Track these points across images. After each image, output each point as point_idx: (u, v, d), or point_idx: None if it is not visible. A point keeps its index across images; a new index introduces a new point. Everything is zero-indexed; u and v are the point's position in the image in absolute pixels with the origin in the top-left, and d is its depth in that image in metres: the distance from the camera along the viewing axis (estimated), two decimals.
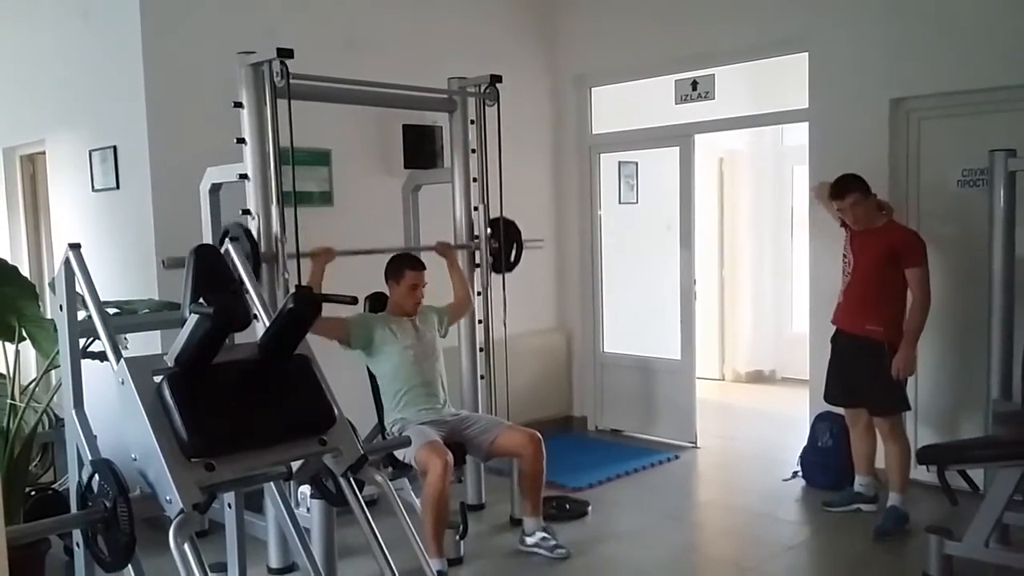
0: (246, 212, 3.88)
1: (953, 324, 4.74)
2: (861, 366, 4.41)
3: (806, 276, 5.46)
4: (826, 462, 4.99)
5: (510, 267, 4.88)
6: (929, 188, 4.85)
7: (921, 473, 4.32)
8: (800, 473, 5.13)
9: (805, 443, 5.15)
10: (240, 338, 2.93)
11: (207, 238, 4.04)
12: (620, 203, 6.64)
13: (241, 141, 3.84)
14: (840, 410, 4.73)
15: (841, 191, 4.37)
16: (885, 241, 4.31)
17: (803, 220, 5.99)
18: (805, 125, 5.35)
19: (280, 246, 3.88)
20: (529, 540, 4.14)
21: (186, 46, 4.55)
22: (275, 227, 3.87)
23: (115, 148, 4.72)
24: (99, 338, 2.70)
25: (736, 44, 5.51)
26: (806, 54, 5.20)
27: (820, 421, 5.06)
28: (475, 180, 4.73)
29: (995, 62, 4.48)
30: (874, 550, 4.18)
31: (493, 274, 4.79)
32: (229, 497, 3.30)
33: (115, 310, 3.53)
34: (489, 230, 4.74)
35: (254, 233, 3.85)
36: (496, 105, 4.62)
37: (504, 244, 4.80)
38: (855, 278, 4.44)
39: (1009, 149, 4.01)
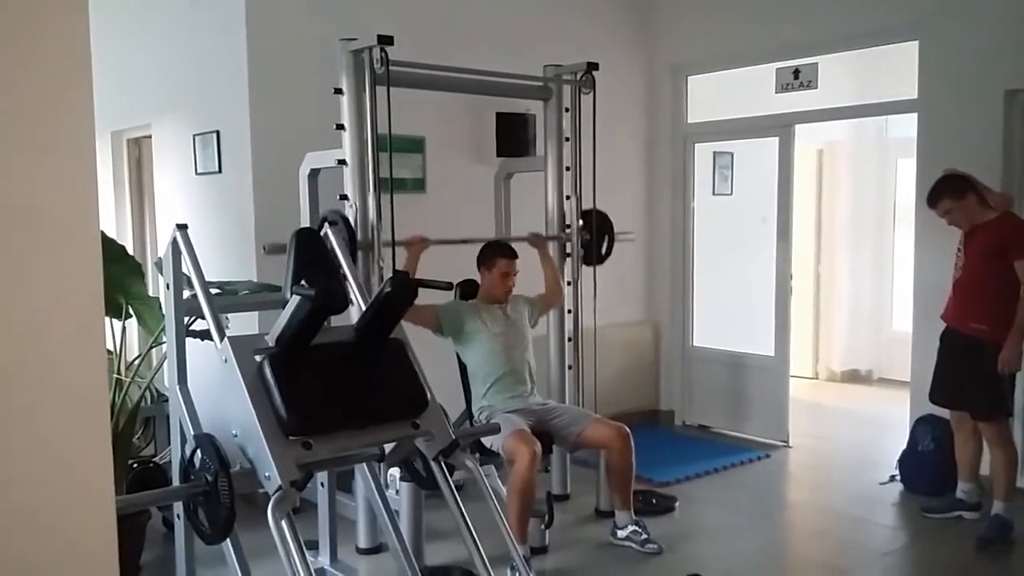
0: (343, 197, 3.93)
1: None
2: (965, 366, 4.22)
3: (909, 273, 5.27)
4: (926, 466, 4.80)
5: (601, 260, 4.84)
6: None
7: None
8: (898, 477, 4.95)
9: (904, 446, 4.96)
10: (336, 321, 2.97)
11: (305, 222, 4.11)
12: (714, 194, 6.50)
13: (340, 127, 3.89)
14: (944, 412, 4.54)
15: (932, 201, 4.26)
16: (993, 235, 4.12)
17: (907, 215, 5.75)
18: (910, 116, 5.15)
19: (376, 234, 3.91)
20: (621, 533, 4.11)
21: (288, 32, 4.64)
22: (371, 215, 3.91)
23: (218, 133, 4.85)
24: (203, 317, 2.77)
25: (842, 32, 5.33)
26: (916, 42, 4.99)
27: (921, 424, 4.87)
28: (568, 169, 4.69)
29: None
30: (976, 560, 4.01)
31: (584, 266, 4.76)
32: (322, 476, 3.36)
33: (217, 290, 3.61)
34: (581, 221, 4.70)
35: (352, 221, 3.90)
36: (592, 93, 4.57)
37: (596, 236, 4.76)
38: (964, 273, 4.25)
39: None
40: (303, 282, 2.48)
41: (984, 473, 4.39)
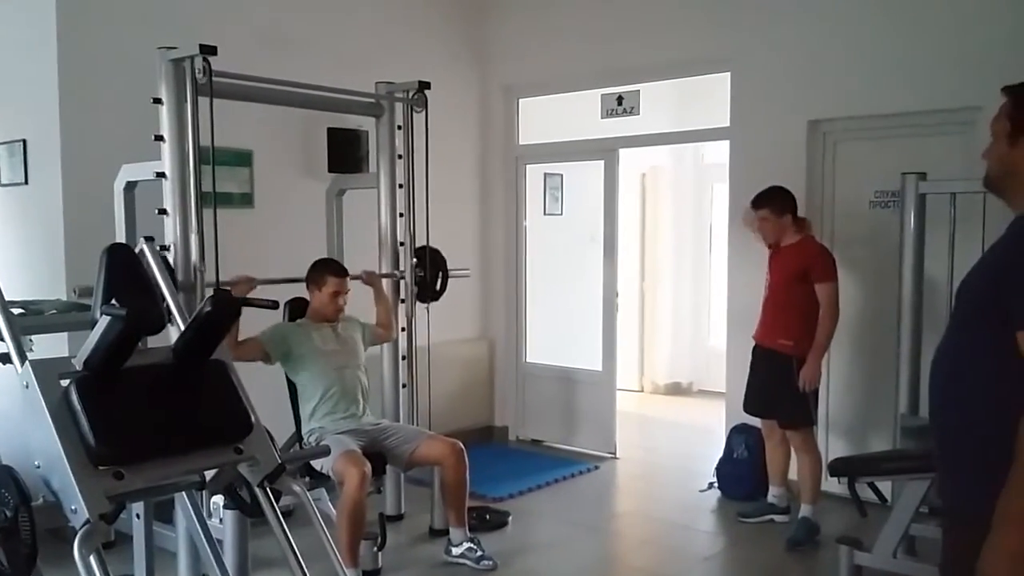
0: (162, 212, 3.75)
1: (863, 340, 4.89)
2: (773, 379, 4.52)
3: (724, 291, 5.57)
4: (741, 473, 5.08)
5: (436, 296, 4.87)
6: (844, 208, 5.00)
7: (832, 485, 4.42)
8: (716, 484, 5.22)
9: (721, 455, 5.24)
10: (154, 342, 2.83)
11: (121, 237, 3.89)
12: (545, 214, 6.66)
13: (159, 138, 3.72)
14: (757, 421, 4.83)
15: (757, 203, 4.51)
16: (796, 258, 4.43)
17: (722, 236, 6.10)
18: (726, 143, 5.47)
19: (199, 276, 3.73)
20: (455, 551, 4.11)
21: (104, 37, 4.40)
22: (194, 256, 3.74)
23: (24, 141, 4.52)
24: (2, 339, 2.57)
25: (661, 61, 5.60)
26: (728, 73, 5.31)
27: (736, 433, 5.15)
28: (401, 186, 4.68)
29: (905, 88, 4.64)
30: (787, 560, 4.27)
31: (418, 303, 4.75)
32: (138, 507, 3.19)
33: (20, 310, 3.37)
34: (415, 259, 4.70)
35: (171, 261, 3.70)
36: (424, 111, 4.59)
37: (430, 273, 4.77)
38: (770, 293, 4.56)
39: (920, 172, 4.16)
40: (114, 301, 2.34)
41: (792, 478, 4.69)
